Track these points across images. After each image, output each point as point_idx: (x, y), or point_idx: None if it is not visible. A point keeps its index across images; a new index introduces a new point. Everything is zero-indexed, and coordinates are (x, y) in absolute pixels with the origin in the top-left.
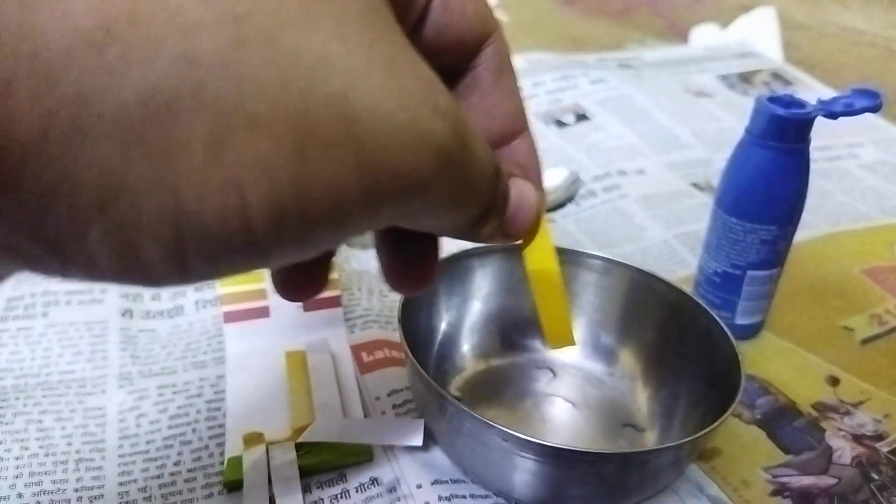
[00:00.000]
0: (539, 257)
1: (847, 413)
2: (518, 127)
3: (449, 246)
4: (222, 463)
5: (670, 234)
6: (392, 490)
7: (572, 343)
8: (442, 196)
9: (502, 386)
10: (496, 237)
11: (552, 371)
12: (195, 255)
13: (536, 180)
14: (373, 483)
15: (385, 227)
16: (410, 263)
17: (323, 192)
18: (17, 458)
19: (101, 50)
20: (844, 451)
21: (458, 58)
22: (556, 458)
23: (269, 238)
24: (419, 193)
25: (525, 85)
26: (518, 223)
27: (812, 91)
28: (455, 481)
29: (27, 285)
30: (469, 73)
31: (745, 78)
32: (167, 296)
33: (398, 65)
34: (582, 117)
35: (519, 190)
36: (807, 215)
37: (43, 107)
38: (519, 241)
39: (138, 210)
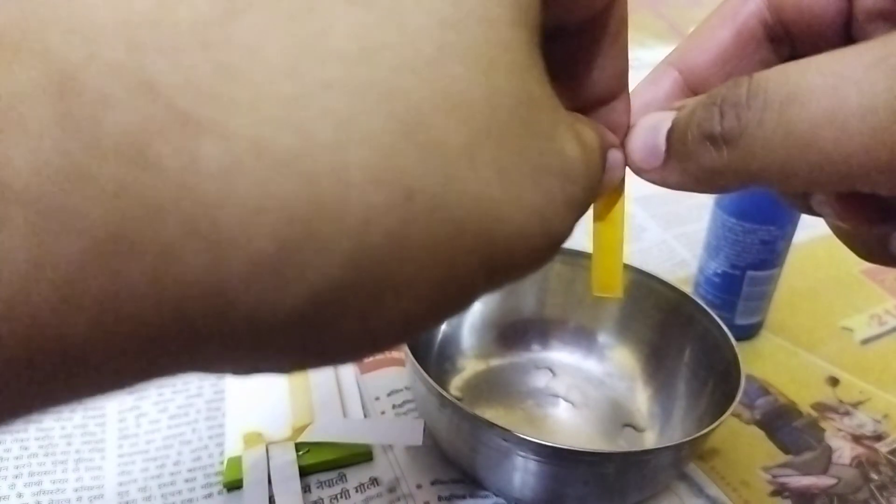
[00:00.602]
0: (608, 202)
1: (846, 413)
2: (622, 87)
3: None
4: (222, 463)
5: (670, 235)
6: (392, 490)
7: (619, 294)
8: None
9: (502, 386)
10: None
11: (552, 371)
12: (324, 365)
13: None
14: (373, 483)
15: None
16: None
17: (449, 311)
18: (17, 458)
19: (280, 270)
20: (844, 451)
21: (585, 18)
22: (556, 458)
23: (391, 346)
24: (533, 269)
25: None
26: (602, 190)
27: None
28: (455, 481)
29: None
30: (589, 32)
31: None
32: None
33: (545, 170)
34: None
35: (610, 161)
36: (806, 216)
37: (221, 331)
38: None
39: (289, 365)
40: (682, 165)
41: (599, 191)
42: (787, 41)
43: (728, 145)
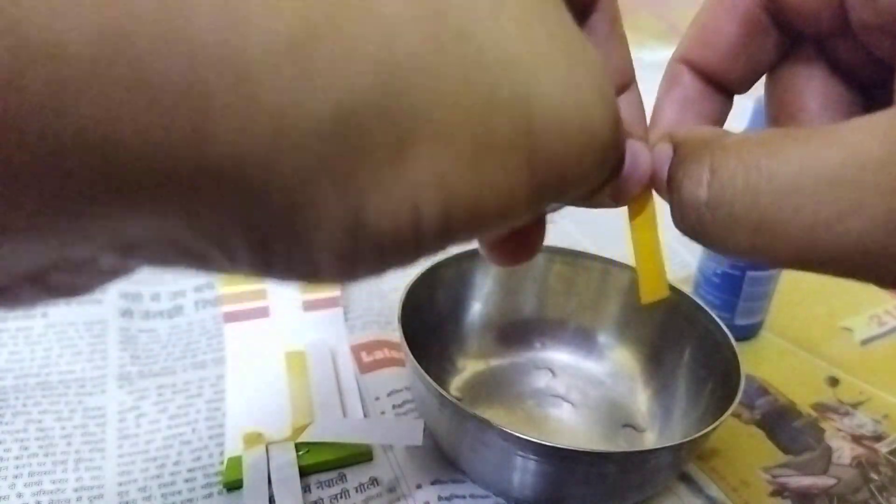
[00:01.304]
0: (641, 210)
1: (846, 413)
2: (629, 78)
3: None
4: (222, 463)
5: (670, 235)
6: (392, 490)
7: (666, 294)
8: (591, 182)
9: (502, 386)
10: (605, 203)
11: (552, 371)
12: (363, 263)
13: (644, 135)
14: (372, 483)
15: None
16: (515, 235)
17: (493, 199)
18: (17, 458)
19: (302, 57)
20: (844, 451)
21: (582, 5)
22: (556, 458)
23: (435, 243)
24: (577, 187)
25: None
26: (629, 187)
27: None
28: (455, 481)
29: None
30: (587, 21)
31: None
32: (167, 296)
33: (574, 56)
34: None
35: (633, 153)
36: None
37: (241, 123)
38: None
39: (320, 223)
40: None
41: (629, 184)
42: (790, 26)
43: (708, 240)
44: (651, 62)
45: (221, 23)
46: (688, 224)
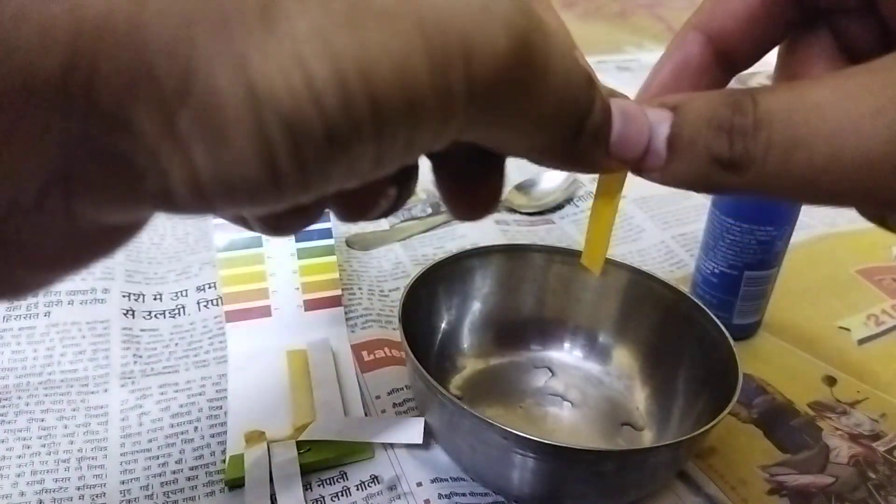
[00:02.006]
0: (611, 185)
1: (844, 412)
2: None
3: (449, 246)
4: (224, 461)
5: (668, 235)
6: (392, 488)
7: (598, 270)
8: (526, 93)
9: (501, 385)
10: (602, 160)
11: (551, 370)
12: (281, 148)
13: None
14: (373, 481)
15: (458, 143)
16: (473, 186)
17: (388, 67)
18: (20, 457)
19: None
20: (841, 450)
21: None
22: (555, 457)
23: (344, 123)
24: (497, 82)
25: None
26: (630, 140)
27: None
28: (455, 479)
29: None
30: None
31: (743, 80)
32: (169, 296)
33: None
34: None
35: (621, 106)
36: (803, 216)
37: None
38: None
39: (215, 90)
40: (685, 173)
41: (629, 145)
42: (812, 1)
43: (737, 171)
44: (648, 63)
45: None
46: (726, 156)
